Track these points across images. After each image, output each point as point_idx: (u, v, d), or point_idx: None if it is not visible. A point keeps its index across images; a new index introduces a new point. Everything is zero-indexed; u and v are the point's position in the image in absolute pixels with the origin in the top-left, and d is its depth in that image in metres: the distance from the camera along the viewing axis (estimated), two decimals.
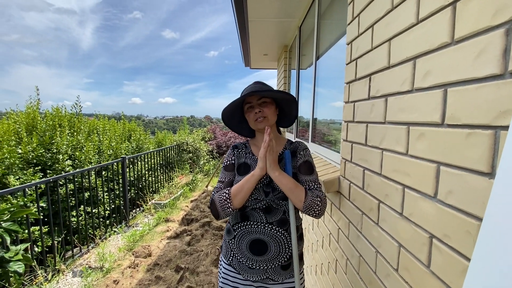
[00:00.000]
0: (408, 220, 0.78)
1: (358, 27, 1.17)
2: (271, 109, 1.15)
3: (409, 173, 0.77)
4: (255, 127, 1.18)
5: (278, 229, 1.12)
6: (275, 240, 1.11)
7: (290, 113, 1.24)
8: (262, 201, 1.12)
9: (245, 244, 1.14)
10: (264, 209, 1.12)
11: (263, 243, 1.11)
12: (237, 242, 1.16)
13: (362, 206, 1.11)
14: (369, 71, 1.05)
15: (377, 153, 0.98)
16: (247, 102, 1.17)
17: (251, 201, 1.12)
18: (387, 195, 0.90)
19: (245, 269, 1.14)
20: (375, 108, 1.00)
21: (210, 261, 2.84)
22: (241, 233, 1.14)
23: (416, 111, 0.74)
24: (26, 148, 4.11)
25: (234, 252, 1.17)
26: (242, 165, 1.20)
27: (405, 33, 0.80)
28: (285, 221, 1.13)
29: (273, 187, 1.11)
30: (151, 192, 5.36)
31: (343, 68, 1.72)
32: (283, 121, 1.28)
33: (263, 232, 1.11)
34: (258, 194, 1.12)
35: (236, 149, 1.25)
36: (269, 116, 1.14)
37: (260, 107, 1.14)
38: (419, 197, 0.73)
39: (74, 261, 3.04)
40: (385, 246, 0.92)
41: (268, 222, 1.11)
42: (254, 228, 1.12)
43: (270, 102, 1.16)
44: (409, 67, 0.78)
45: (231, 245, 1.18)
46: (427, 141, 0.70)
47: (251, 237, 1.13)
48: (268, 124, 1.14)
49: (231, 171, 1.20)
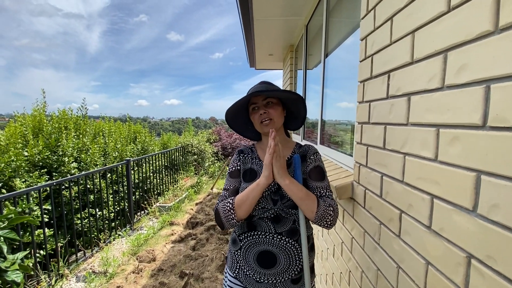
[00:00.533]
0: (438, 235, 0.69)
1: (374, 21, 1.07)
2: (278, 110, 1.07)
3: (439, 181, 0.68)
4: (260, 129, 1.10)
5: (288, 239, 1.03)
6: (285, 251, 1.02)
7: (298, 114, 1.15)
8: (270, 210, 1.03)
9: (252, 256, 1.05)
10: (273, 218, 1.03)
11: (271, 255, 1.03)
12: (244, 254, 1.07)
13: (380, 216, 1.01)
14: (388, 68, 0.96)
15: (397, 158, 0.89)
16: (252, 102, 1.09)
17: (258, 210, 1.03)
18: (411, 205, 0.81)
19: (252, 282, 1.06)
20: (395, 108, 0.91)
21: (215, 267, 2.76)
22: (247, 244, 1.06)
23: (448, 111, 0.65)
24: (32, 151, 4.11)
25: (241, 264, 1.08)
26: (248, 171, 1.11)
27: (433, 23, 0.71)
28: (295, 231, 1.04)
29: (282, 195, 1.02)
30: (156, 194, 5.32)
31: (354, 66, 1.63)
32: (291, 123, 1.19)
33: (272, 243, 1.03)
34: (265, 202, 1.03)
35: (242, 154, 1.16)
36: (275, 118, 1.06)
37: (266, 108, 1.06)
38: (452, 210, 0.64)
39: (78, 266, 3.00)
40: (408, 262, 0.82)
41: (277, 232, 1.03)
42: (262, 239, 1.04)
43: (276, 103, 1.08)
44: (438, 61, 0.69)
45: (237, 257, 1.10)
46: (463, 145, 0.61)
47: (259, 249, 1.04)
48: (274, 127, 1.06)
49: (236, 178, 1.12)
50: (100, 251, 3.33)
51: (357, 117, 1.27)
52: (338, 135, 2.09)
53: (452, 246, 0.64)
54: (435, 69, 0.70)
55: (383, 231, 0.99)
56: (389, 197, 0.94)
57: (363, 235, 1.17)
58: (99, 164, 4.80)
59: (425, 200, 0.74)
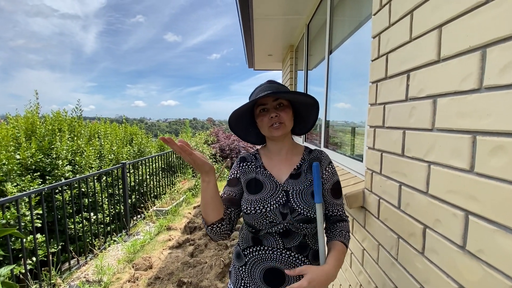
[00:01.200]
0: (475, 257, 0.60)
1: (389, 16, 0.99)
2: (289, 113, 0.96)
3: (477, 196, 0.59)
4: (269, 134, 0.98)
5: (297, 255, 0.93)
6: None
7: (308, 118, 1.04)
8: (279, 225, 0.92)
9: (258, 273, 0.95)
10: (281, 233, 0.93)
11: (279, 272, 0.93)
12: (249, 270, 0.97)
13: (398, 229, 0.93)
14: (407, 67, 0.87)
15: (420, 167, 0.80)
16: (260, 103, 0.97)
17: (266, 224, 0.92)
18: (438, 221, 0.72)
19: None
20: (417, 111, 0.82)
21: (215, 275, 2.66)
22: (253, 259, 0.96)
23: (489, 117, 0.57)
24: (24, 154, 3.98)
25: (246, 281, 0.98)
26: (253, 182, 1.00)
27: (468, 15, 0.62)
28: (305, 246, 0.94)
29: (292, 208, 0.91)
30: (153, 197, 5.20)
31: (361, 63, 1.55)
32: (299, 127, 1.07)
33: (280, 260, 0.93)
34: (273, 216, 0.92)
35: (244, 162, 1.05)
36: (287, 122, 0.95)
37: (277, 111, 0.95)
38: (495, 231, 0.55)
39: (71, 274, 2.88)
40: (435, 282, 0.73)
41: (285, 247, 0.93)
42: (269, 255, 0.94)
43: (287, 106, 0.97)
44: (474, 59, 0.60)
45: (241, 273, 1.00)
46: (509, 157, 0.52)
47: (266, 265, 0.94)
48: (285, 131, 0.96)
49: (233, 186, 1.02)
50: (94, 258, 3.21)
51: (368, 120, 1.19)
52: (344, 137, 2.01)
53: (496, 273, 0.55)
54: (470, 68, 0.62)
55: (402, 246, 0.90)
56: (410, 209, 0.86)
57: (377, 248, 1.08)
58: (95, 167, 4.67)
59: (458, 216, 0.65)
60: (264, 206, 0.93)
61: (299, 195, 0.93)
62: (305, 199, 0.92)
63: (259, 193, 0.95)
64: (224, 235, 0.96)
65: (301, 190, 0.94)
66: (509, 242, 0.52)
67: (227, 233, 0.96)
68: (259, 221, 0.92)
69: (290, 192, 0.94)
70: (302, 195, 0.93)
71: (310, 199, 0.92)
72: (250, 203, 0.94)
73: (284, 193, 0.94)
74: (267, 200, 0.93)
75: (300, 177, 0.97)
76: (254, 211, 0.92)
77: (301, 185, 0.95)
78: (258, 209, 0.92)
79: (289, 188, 0.95)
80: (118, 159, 5.29)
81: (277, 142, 1.02)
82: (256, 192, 0.97)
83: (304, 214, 0.90)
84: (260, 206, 0.93)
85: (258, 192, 0.96)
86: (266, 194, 0.95)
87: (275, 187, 0.96)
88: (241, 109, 0.95)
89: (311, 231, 0.93)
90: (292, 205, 0.92)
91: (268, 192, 0.95)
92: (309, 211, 0.90)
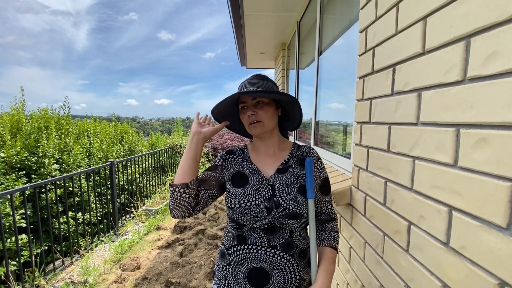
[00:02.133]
0: (459, 254, 0.58)
1: (376, 9, 0.97)
2: (268, 111, 0.94)
3: (461, 191, 0.58)
4: (249, 131, 0.99)
5: (282, 254, 0.89)
6: (279, 268, 0.89)
7: (293, 116, 1.03)
8: (264, 220, 0.89)
9: (242, 273, 0.92)
10: (266, 229, 0.90)
11: (264, 272, 0.89)
12: (233, 270, 0.94)
13: (384, 226, 0.91)
14: (393, 60, 0.86)
15: (405, 162, 0.78)
16: (241, 101, 0.97)
17: (250, 219, 0.89)
18: (423, 217, 0.70)
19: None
20: (402, 105, 0.80)
21: (204, 274, 2.62)
22: (237, 259, 0.93)
23: (473, 109, 0.55)
24: (9, 152, 3.86)
25: (229, 281, 0.95)
26: (238, 175, 0.98)
27: (452, 5, 0.60)
28: (291, 245, 0.91)
29: (277, 203, 0.89)
30: (143, 196, 5.12)
31: (351, 62, 1.53)
32: (287, 123, 1.06)
33: (264, 259, 0.89)
34: (258, 210, 0.89)
35: (231, 154, 1.04)
36: (265, 120, 0.94)
37: (255, 109, 0.94)
38: (478, 226, 0.53)
39: (56, 275, 2.79)
40: (419, 281, 0.72)
41: (270, 245, 0.89)
42: (253, 254, 0.90)
43: (268, 103, 0.95)
44: (458, 50, 0.59)
45: (225, 273, 0.96)
46: (493, 149, 0.50)
47: (249, 265, 0.91)
48: (264, 130, 0.95)
49: (211, 171, 1.00)
50: (80, 259, 3.13)
51: (355, 116, 1.17)
52: (333, 135, 2.00)
53: (479, 269, 0.53)
54: (454, 59, 0.60)
55: (388, 244, 0.88)
56: (395, 206, 0.84)
57: (364, 246, 1.06)
58: (83, 166, 4.57)
59: (442, 212, 0.63)
60: (248, 200, 0.90)
61: (286, 189, 0.91)
62: (292, 194, 0.90)
63: (244, 187, 0.93)
64: (183, 207, 0.90)
65: (287, 185, 0.92)
66: (492, 238, 0.50)
67: (186, 206, 0.90)
68: (243, 215, 0.89)
69: (276, 186, 0.92)
70: (288, 190, 0.91)
71: (296, 194, 0.90)
72: (234, 197, 0.92)
73: (270, 188, 0.92)
74: (252, 194, 0.91)
75: (287, 172, 0.95)
76: (238, 205, 0.90)
77: (288, 180, 0.93)
78: (242, 203, 0.90)
79: (275, 183, 0.93)
80: (108, 157, 5.18)
81: (263, 138, 1.00)
82: (241, 186, 0.94)
83: (290, 209, 0.88)
84: (244, 200, 0.90)
85: (243, 186, 0.94)
86: (251, 188, 0.93)
87: (261, 181, 0.94)
88: (220, 106, 0.95)
89: (297, 227, 0.91)
90: (277, 200, 0.89)
91: (254, 186, 0.93)
92: (295, 206, 0.88)
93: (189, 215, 0.93)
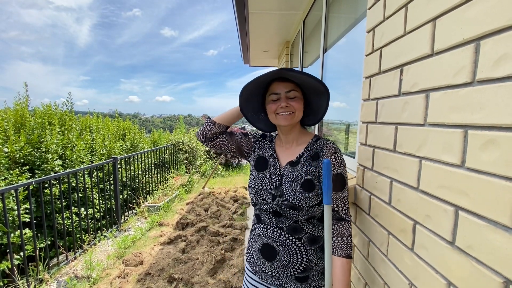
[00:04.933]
0: (465, 253, 0.59)
1: (384, 10, 0.98)
2: (300, 104, 0.98)
3: (467, 192, 0.59)
4: (276, 121, 1.00)
5: (288, 236, 0.98)
6: (285, 247, 0.98)
7: (318, 109, 1.02)
8: (269, 204, 1.00)
9: (258, 246, 1.06)
10: (273, 212, 1.00)
11: (272, 248, 1.01)
12: (253, 243, 1.09)
13: (389, 225, 0.92)
14: (400, 61, 0.86)
15: (412, 162, 0.79)
16: (273, 92, 0.98)
17: (259, 200, 1.02)
18: (429, 216, 0.71)
19: (259, 271, 1.07)
20: (410, 106, 0.81)
21: (206, 271, 2.64)
22: (256, 234, 1.07)
23: (481, 110, 0.56)
24: (13, 147, 3.89)
25: (251, 252, 1.12)
26: (261, 159, 1.08)
27: (462, 8, 0.61)
28: (297, 230, 0.98)
29: (281, 192, 0.97)
30: (145, 193, 5.15)
31: (356, 61, 1.54)
32: (308, 118, 1.07)
33: (272, 237, 1.01)
34: (266, 195, 1.01)
35: (263, 138, 1.14)
36: (297, 112, 0.97)
37: (288, 101, 0.96)
38: (485, 226, 0.54)
39: (60, 270, 2.83)
40: (424, 279, 0.73)
41: (278, 226, 1.00)
42: (265, 232, 1.03)
43: (300, 97, 0.98)
44: (467, 52, 0.59)
45: (251, 245, 1.13)
46: (501, 151, 0.51)
47: (262, 241, 1.04)
48: (293, 122, 0.98)
49: (242, 135, 1.16)
50: (83, 253, 3.16)
51: (361, 115, 1.18)
52: (338, 134, 2.00)
53: (484, 268, 0.54)
54: (463, 61, 0.61)
55: (392, 242, 0.89)
56: (401, 205, 0.85)
57: (368, 245, 1.08)
58: (86, 162, 4.59)
59: (448, 212, 0.64)
60: (262, 184, 1.02)
61: (291, 182, 0.97)
62: (294, 187, 0.95)
63: (262, 172, 1.05)
64: (202, 133, 1.12)
65: (294, 178, 0.97)
66: (498, 238, 0.51)
67: (203, 134, 1.12)
68: (255, 195, 1.03)
69: (284, 177, 0.99)
70: (292, 183, 0.96)
71: (298, 188, 0.94)
72: (253, 178, 1.06)
73: (279, 177, 1.00)
74: (265, 180, 1.02)
75: (298, 165, 0.99)
76: (253, 186, 1.04)
77: (295, 173, 0.97)
78: (256, 185, 1.03)
79: (284, 174, 1.00)
80: (110, 154, 5.21)
81: (283, 132, 1.05)
82: (260, 170, 1.06)
83: (289, 201, 0.94)
84: (258, 183, 1.03)
85: (262, 170, 1.05)
86: (266, 174, 1.03)
87: (274, 170, 1.02)
88: (252, 84, 0.96)
89: (300, 217, 0.96)
90: (282, 190, 0.97)
91: (269, 173, 1.03)
92: (295, 199, 0.94)
93: (203, 140, 1.13)
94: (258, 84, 0.97)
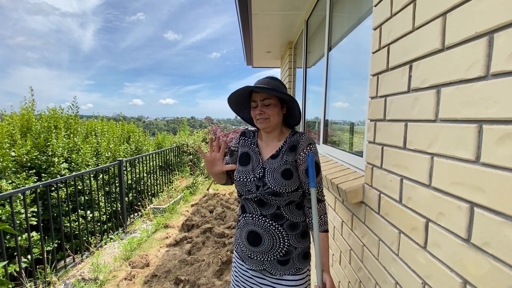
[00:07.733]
0: (481, 250, 0.58)
1: (391, 6, 0.97)
2: (274, 110, 1.13)
3: (483, 188, 0.57)
4: (257, 125, 1.20)
5: (271, 222, 1.13)
6: (269, 233, 1.13)
7: (294, 113, 1.22)
8: (253, 194, 1.13)
9: (244, 235, 1.19)
10: (257, 201, 1.14)
11: (257, 234, 1.14)
12: (240, 232, 1.23)
13: (400, 224, 0.91)
14: (409, 57, 0.85)
15: (423, 159, 0.78)
16: (252, 100, 1.17)
17: (245, 191, 1.15)
18: (442, 214, 0.70)
19: (246, 258, 1.20)
20: (420, 102, 0.80)
21: (212, 272, 2.64)
22: (242, 223, 1.20)
23: (496, 104, 0.54)
24: (20, 151, 3.93)
25: (239, 241, 1.24)
26: (244, 155, 1.23)
27: (473, 1, 0.60)
28: (279, 216, 1.13)
29: (264, 182, 1.11)
30: (150, 195, 5.16)
31: (362, 60, 1.53)
32: (290, 119, 1.25)
33: (257, 224, 1.14)
34: (250, 186, 1.14)
35: (244, 136, 1.29)
36: (271, 117, 1.14)
37: (263, 109, 1.13)
38: (502, 222, 0.53)
39: (67, 272, 2.84)
40: (438, 277, 0.72)
41: (262, 214, 1.14)
42: (250, 220, 1.16)
43: (274, 104, 1.14)
44: (480, 45, 0.58)
45: (238, 234, 1.25)
46: None
47: (248, 228, 1.17)
48: (269, 125, 1.14)
49: (231, 157, 1.32)
50: (90, 256, 3.17)
51: (369, 113, 1.17)
52: (343, 133, 1.99)
53: (502, 265, 0.53)
54: (476, 55, 0.60)
55: (404, 241, 0.88)
56: (412, 203, 0.84)
57: (378, 244, 1.06)
58: (91, 165, 4.63)
59: (462, 208, 0.63)
60: (246, 176, 1.16)
61: (272, 172, 1.12)
62: (275, 176, 1.11)
63: (246, 166, 1.19)
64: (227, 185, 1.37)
65: (275, 168, 1.12)
66: None
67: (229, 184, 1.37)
68: (240, 187, 1.17)
69: (266, 169, 1.14)
70: (274, 173, 1.11)
71: (279, 177, 1.10)
72: (237, 172, 1.20)
73: (262, 170, 1.15)
74: (249, 173, 1.16)
75: (278, 157, 1.15)
76: (238, 179, 1.18)
77: (276, 164, 1.13)
78: (241, 178, 1.17)
79: (266, 166, 1.15)
80: (115, 156, 5.24)
81: (265, 132, 1.21)
82: (244, 165, 1.20)
83: (271, 188, 1.09)
84: (243, 176, 1.17)
85: (246, 164, 1.20)
86: (249, 168, 1.18)
87: (257, 163, 1.18)
88: (234, 95, 1.16)
89: (281, 203, 1.11)
90: (264, 180, 1.12)
91: (252, 166, 1.17)
92: (276, 186, 1.09)
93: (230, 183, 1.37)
94: (239, 96, 1.17)
